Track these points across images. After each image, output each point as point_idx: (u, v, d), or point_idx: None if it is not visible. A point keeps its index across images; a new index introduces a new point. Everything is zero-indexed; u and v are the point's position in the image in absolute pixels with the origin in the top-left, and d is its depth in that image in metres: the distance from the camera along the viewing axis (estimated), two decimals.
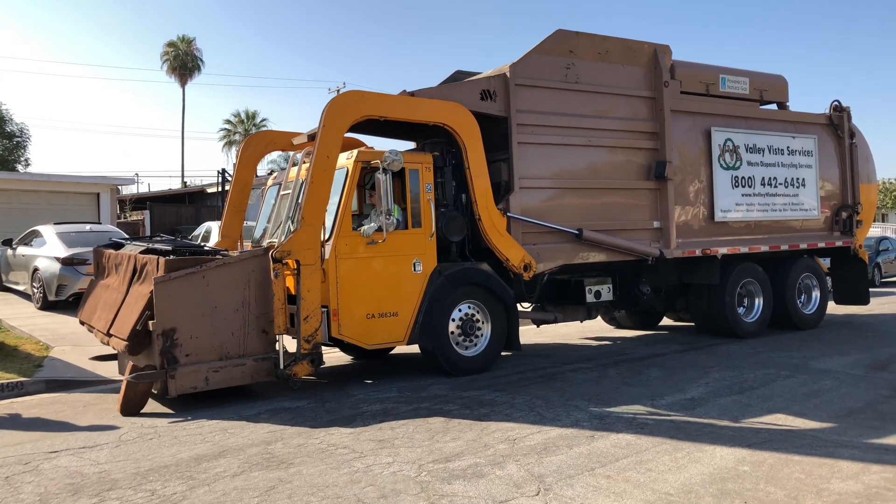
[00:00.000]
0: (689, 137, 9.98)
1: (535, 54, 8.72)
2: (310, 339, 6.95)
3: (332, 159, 7.30)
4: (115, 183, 23.63)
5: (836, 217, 11.61)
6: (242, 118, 52.84)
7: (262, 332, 6.89)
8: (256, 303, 6.86)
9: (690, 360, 8.83)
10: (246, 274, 6.87)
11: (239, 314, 6.81)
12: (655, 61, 9.60)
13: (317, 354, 7.02)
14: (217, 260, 6.91)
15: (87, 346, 9.68)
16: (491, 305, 8.13)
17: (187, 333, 6.57)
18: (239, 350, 6.79)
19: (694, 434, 5.49)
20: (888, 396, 6.67)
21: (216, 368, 6.66)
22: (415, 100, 8.03)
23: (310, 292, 6.94)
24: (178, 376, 6.49)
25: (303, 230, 7.02)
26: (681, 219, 9.80)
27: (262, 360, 6.89)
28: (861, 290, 12.20)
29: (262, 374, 6.91)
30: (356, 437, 5.63)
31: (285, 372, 6.89)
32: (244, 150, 9.59)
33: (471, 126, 8.08)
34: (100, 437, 5.85)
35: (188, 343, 6.57)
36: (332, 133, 7.33)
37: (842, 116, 11.65)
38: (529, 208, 8.49)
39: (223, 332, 6.73)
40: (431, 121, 7.98)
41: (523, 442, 5.36)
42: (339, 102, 7.48)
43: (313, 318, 6.96)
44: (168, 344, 6.48)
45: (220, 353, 6.71)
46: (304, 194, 7.14)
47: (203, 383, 6.62)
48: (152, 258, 6.95)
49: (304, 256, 6.96)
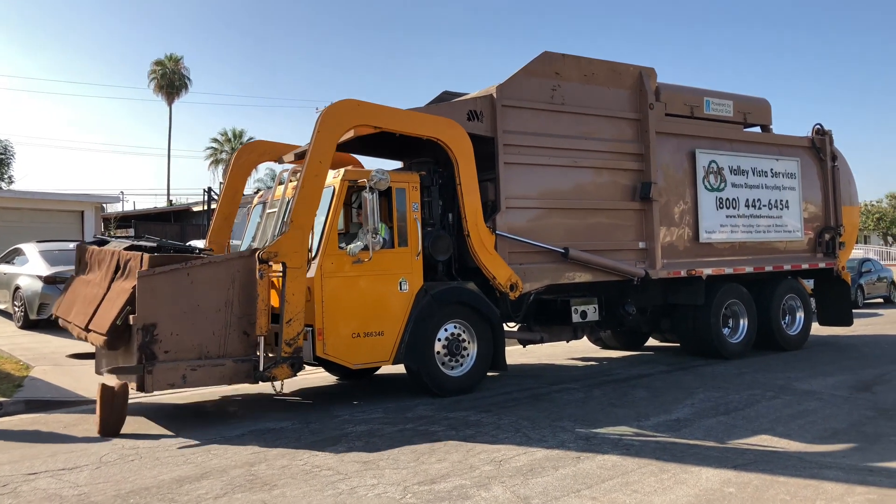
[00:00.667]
0: (673, 159, 10.07)
1: (522, 76, 8.79)
2: (291, 342, 6.86)
3: (325, 165, 7.30)
4: (100, 201, 23.47)
5: (820, 239, 11.72)
6: (229, 137, 52.85)
7: (243, 334, 6.75)
8: (240, 304, 6.74)
9: (676, 380, 8.84)
10: (231, 274, 6.77)
11: (221, 314, 6.69)
12: (641, 84, 9.70)
13: (297, 359, 6.92)
14: (203, 258, 6.86)
15: (69, 366, 9.55)
16: (477, 325, 8.12)
17: (168, 330, 6.47)
18: (219, 350, 6.66)
19: (679, 455, 5.48)
20: (872, 417, 6.71)
21: (194, 367, 6.54)
22: (411, 113, 8.06)
23: (294, 295, 6.88)
24: (156, 372, 6.39)
25: (291, 233, 6.98)
26: (666, 239, 9.86)
27: (242, 361, 6.74)
28: (844, 311, 12.29)
29: (241, 376, 6.77)
30: (340, 458, 5.57)
31: (265, 374, 6.77)
32: (237, 158, 9.61)
33: (464, 143, 8.11)
34: (80, 458, 5.75)
35: (168, 340, 6.47)
36: (326, 139, 7.33)
37: (824, 139, 11.80)
38: (516, 228, 8.51)
39: (204, 332, 6.62)
40: (426, 135, 8.00)
41: (509, 463, 5.33)
42: (336, 110, 7.49)
43: (296, 321, 6.88)
44: (147, 339, 6.38)
45: (200, 353, 6.59)
46: (295, 198, 7.12)
47: (180, 381, 6.51)
48: (136, 254, 6.91)
49: (290, 259, 6.91)
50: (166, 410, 7.58)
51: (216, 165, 52.62)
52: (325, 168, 7.32)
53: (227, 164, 9.69)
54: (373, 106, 7.77)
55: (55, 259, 13.32)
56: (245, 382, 6.89)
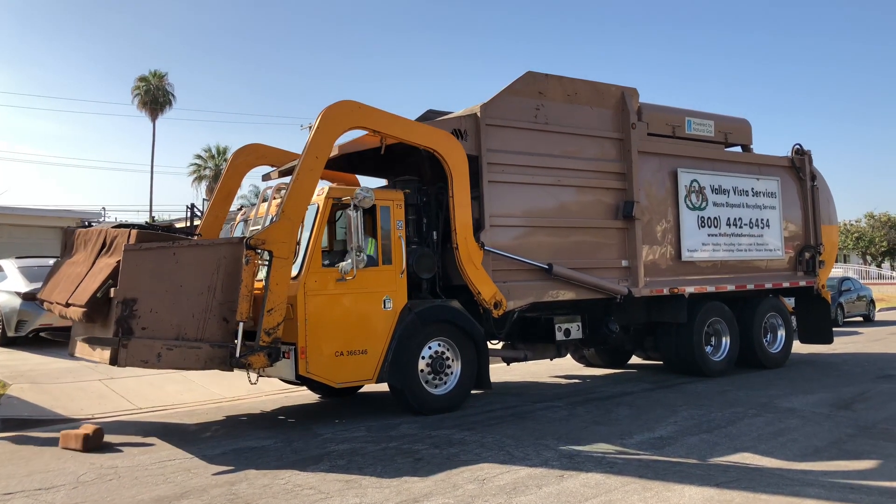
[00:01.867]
0: (656, 178, 10.16)
1: (506, 95, 8.85)
2: (270, 332, 6.79)
3: (321, 161, 7.33)
4: (81, 217, 23.27)
5: (800, 257, 11.84)
6: (213, 153, 52.56)
7: (222, 320, 6.65)
8: (222, 290, 6.65)
9: (659, 398, 8.86)
10: (217, 259, 6.71)
11: (203, 298, 6.62)
12: (623, 103, 9.80)
13: (275, 349, 6.84)
14: (191, 240, 6.81)
15: (46, 384, 9.44)
16: (461, 343, 8.11)
17: (147, 306, 6.42)
18: (197, 334, 6.57)
19: (662, 473, 5.49)
20: (852, 435, 6.75)
21: (170, 346, 6.46)
22: (409, 121, 8.10)
23: (278, 285, 6.84)
24: (131, 347, 6.33)
25: (281, 223, 6.96)
26: (649, 258, 9.92)
27: (219, 347, 6.61)
28: (825, 329, 12.39)
29: (217, 361, 6.63)
30: (323, 477, 5.52)
31: (240, 361, 6.66)
32: (234, 158, 9.60)
33: (460, 156, 8.16)
34: (57, 478, 5.66)
35: (147, 316, 6.41)
36: (324, 136, 7.35)
37: (803, 159, 11.96)
38: (500, 246, 8.53)
39: (184, 313, 6.55)
40: (423, 144, 8.02)
41: (492, 482, 5.31)
42: (336, 109, 7.51)
43: (277, 311, 6.83)
44: (126, 313, 6.33)
45: (178, 333, 6.52)
46: (289, 190, 7.11)
47: (155, 359, 6.43)
48: (124, 231, 6.87)
49: (278, 248, 6.87)
50: (145, 428, 7.48)
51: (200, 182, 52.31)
52: (321, 164, 7.35)
53: (228, 160, 9.67)
54: (373, 109, 7.79)
55: (34, 275, 13.15)
56: (219, 368, 6.73)
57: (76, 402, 8.66)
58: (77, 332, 7.59)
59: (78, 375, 10.00)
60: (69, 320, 7.54)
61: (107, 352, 6.47)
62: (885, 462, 5.79)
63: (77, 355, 7.49)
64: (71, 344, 7.69)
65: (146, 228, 7.19)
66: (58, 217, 21.79)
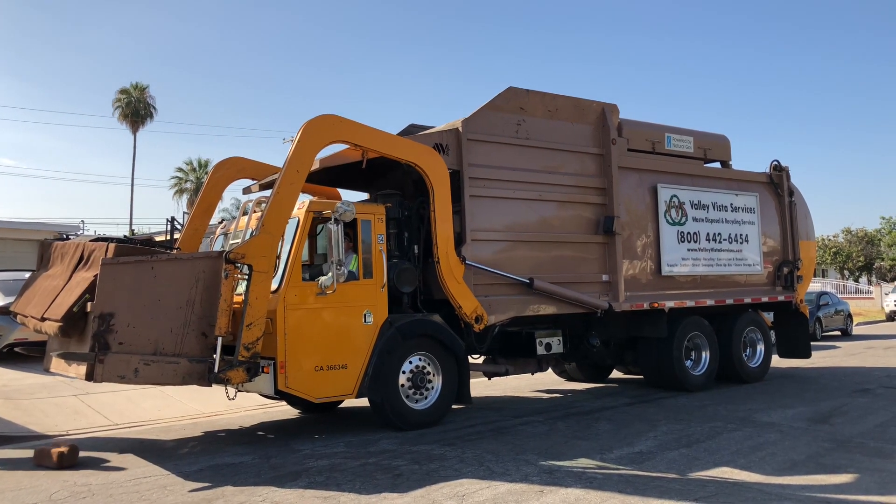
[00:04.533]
0: (636, 193, 10.23)
1: (487, 110, 8.89)
2: (250, 346, 6.73)
3: (302, 175, 7.31)
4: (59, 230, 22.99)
5: (778, 272, 11.95)
6: (194, 166, 52.24)
7: (201, 335, 6.57)
8: (201, 304, 6.58)
9: (639, 413, 8.88)
10: (195, 273, 6.64)
11: (181, 312, 6.54)
12: (603, 119, 9.88)
13: (254, 364, 6.77)
14: (169, 254, 6.76)
15: (20, 400, 9.29)
16: (442, 358, 8.08)
17: (125, 321, 6.35)
18: (175, 349, 6.49)
19: (642, 488, 5.49)
20: (829, 449, 6.80)
21: (148, 361, 6.37)
22: (390, 135, 8.12)
23: (258, 300, 6.79)
24: (108, 362, 6.24)
25: (261, 237, 6.91)
26: (629, 272, 9.97)
27: (197, 362, 6.53)
28: (803, 343, 12.50)
29: (195, 376, 6.56)
30: (301, 494, 5.47)
31: (219, 376, 6.59)
32: (214, 172, 9.59)
33: (441, 170, 8.17)
34: (28, 496, 5.56)
35: (124, 331, 6.34)
36: (305, 150, 7.34)
37: (781, 175, 12.11)
38: (481, 260, 8.53)
39: (162, 327, 6.48)
40: (404, 159, 8.02)
41: (472, 498, 5.28)
42: (317, 123, 7.50)
43: (256, 326, 6.77)
44: (103, 328, 6.25)
45: (155, 348, 6.44)
46: (269, 204, 7.08)
47: (132, 374, 6.34)
48: (102, 244, 6.80)
49: (258, 262, 6.82)
50: (121, 444, 7.38)
51: (181, 195, 51.94)
52: (301, 178, 7.33)
53: (209, 173, 9.60)
54: (354, 123, 7.79)
55: (10, 289, 12.94)
56: (198, 384, 6.66)
57: (51, 417, 8.53)
58: (52, 347, 7.49)
59: (53, 391, 9.85)
60: (44, 335, 7.44)
61: (83, 367, 6.38)
62: (861, 476, 5.83)
63: (52, 370, 7.38)
64: (46, 359, 7.58)
65: (124, 242, 7.11)
66: (35, 230, 21.50)
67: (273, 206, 7.06)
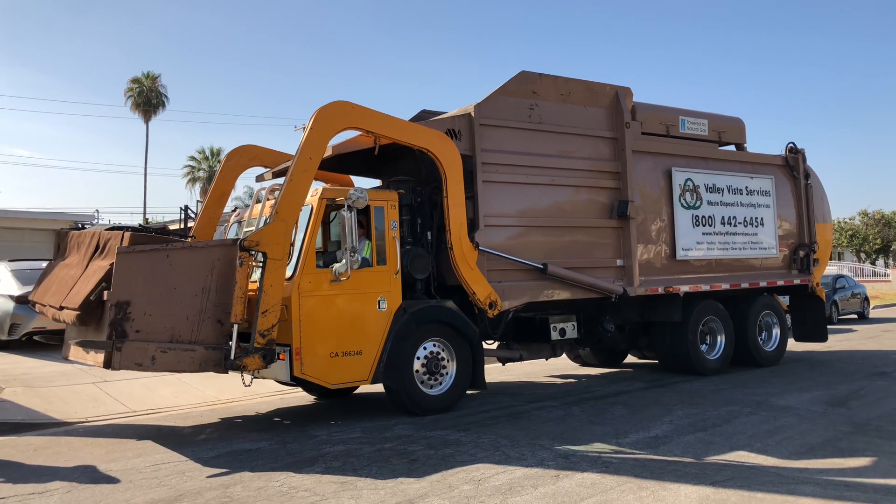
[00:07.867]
0: (650, 177, 10.16)
1: (500, 95, 8.84)
2: (265, 333, 6.78)
3: (315, 161, 7.32)
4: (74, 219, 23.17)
5: (794, 255, 11.85)
6: (207, 155, 52.41)
7: (217, 322, 6.64)
8: (217, 292, 6.64)
9: (654, 397, 8.86)
10: (211, 261, 6.70)
11: (197, 300, 6.60)
12: (617, 103, 9.80)
13: (269, 350, 6.82)
14: (184, 242, 6.81)
15: (40, 387, 9.40)
16: (456, 344, 8.09)
17: (141, 309, 6.41)
18: (191, 336, 6.56)
19: (658, 472, 5.48)
20: (847, 433, 6.76)
21: (165, 349, 6.45)
22: (403, 121, 8.09)
23: (272, 287, 6.83)
24: (125, 350, 6.32)
25: (275, 224, 6.93)
26: (643, 257, 9.92)
27: (214, 349, 6.60)
28: (819, 327, 12.41)
29: (211, 363, 6.64)
30: (318, 479, 5.50)
31: (235, 363, 6.65)
32: (227, 160, 9.62)
33: (454, 156, 8.15)
34: (50, 482, 5.63)
35: (140, 319, 6.41)
36: (317, 137, 7.34)
37: (797, 158, 11.98)
38: (494, 245, 8.52)
39: (178, 315, 6.54)
40: (417, 145, 8.01)
41: (488, 482, 5.30)
42: (329, 110, 7.50)
43: (272, 313, 6.82)
44: (120, 316, 6.31)
45: (172, 336, 6.51)
46: (282, 191, 7.10)
47: (149, 362, 6.42)
48: (117, 233, 6.85)
49: (272, 250, 6.85)
50: (139, 431, 7.46)
51: (193, 184, 52.16)
52: (314, 165, 7.34)
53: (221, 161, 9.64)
54: (366, 110, 7.78)
55: (27, 278, 13.08)
56: (214, 371, 6.75)
57: (70, 405, 8.62)
58: (70, 336, 7.56)
59: (72, 379, 9.96)
60: (62, 323, 7.52)
61: (101, 355, 6.45)
62: (880, 459, 5.80)
63: (71, 358, 7.45)
64: (64, 347, 7.65)
65: (140, 231, 7.15)
66: (51, 220, 21.68)
67: (286, 193, 7.07)
